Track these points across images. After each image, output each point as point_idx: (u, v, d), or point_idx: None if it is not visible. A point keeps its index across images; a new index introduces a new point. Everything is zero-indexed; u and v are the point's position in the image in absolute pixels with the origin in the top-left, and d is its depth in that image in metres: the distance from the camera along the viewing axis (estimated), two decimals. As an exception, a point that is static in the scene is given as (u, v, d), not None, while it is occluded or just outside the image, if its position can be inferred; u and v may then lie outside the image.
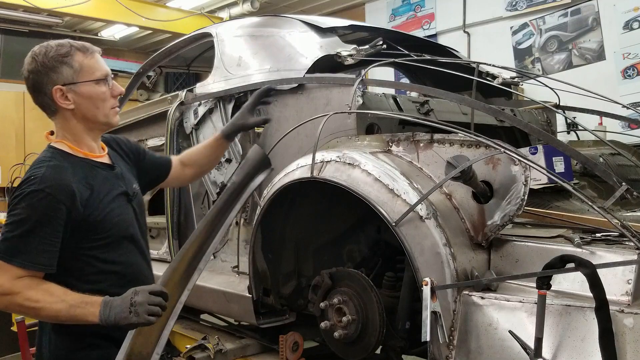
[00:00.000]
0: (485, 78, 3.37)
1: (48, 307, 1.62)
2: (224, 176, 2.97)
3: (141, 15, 9.08)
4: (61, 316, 1.63)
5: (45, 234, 1.66)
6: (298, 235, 2.58)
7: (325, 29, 2.98)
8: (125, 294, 1.62)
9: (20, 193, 1.68)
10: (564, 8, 7.23)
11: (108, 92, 1.83)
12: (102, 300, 1.62)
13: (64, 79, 1.76)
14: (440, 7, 8.53)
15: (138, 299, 1.58)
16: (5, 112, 10.26)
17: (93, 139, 1.88)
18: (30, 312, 1.66)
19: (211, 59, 3.34)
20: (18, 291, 1.62)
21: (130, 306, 1.57)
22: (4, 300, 1.64)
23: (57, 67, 1.76)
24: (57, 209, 1.67)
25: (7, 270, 1.63)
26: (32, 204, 1.65)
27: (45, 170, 1.70)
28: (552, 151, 2.33)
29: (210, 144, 2.32)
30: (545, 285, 1.59)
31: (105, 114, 1.83)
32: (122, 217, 1.85)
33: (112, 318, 1.59)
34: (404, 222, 1.86)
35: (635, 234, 1.70)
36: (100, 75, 1.81)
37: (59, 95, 1.77)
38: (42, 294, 1.63)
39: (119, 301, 1.60)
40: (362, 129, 2.44)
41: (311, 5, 9.69)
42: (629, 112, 4.28)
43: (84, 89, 1.78)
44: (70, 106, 1.79)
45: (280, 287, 2.62)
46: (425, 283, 1.77)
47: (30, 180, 1.69)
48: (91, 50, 1.83)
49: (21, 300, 1.62)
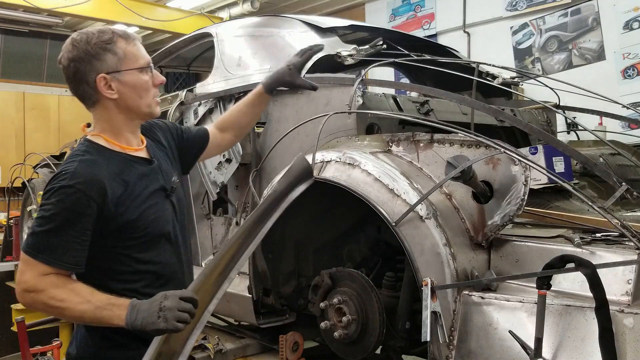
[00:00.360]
0: (485, 78, 3.37)
1: (73, 307, 1.55)
2: (224, 176, 2.97)
3: (141, 15, 9.08)
4: (86, 317, 1.57)
5: (74, 232, 1.59)
6: (298, 235, 2.58)
7: (325, 29, 2.99)
8: (154, 297, 1.53)
9: (51, 188, 1.61)
10: (564, 8, 7.23)
11: (150, 81, 1.74)
12: (130, 303, 1.54)
13: (107, 67, 1.66)
14: (440, 7, 8.53)
15: (168, 304, 1.49)
16: (5, 112, 10.28)
17: (132, 132, 1.79)
18: (55, 312, 1.60)
19: (211, 59, 3.34)
20: (43, 289, 1.56)
21: (159, 311, 1.49)
22: (28, 297, 1.59)
23: (101, 55, 1.66)
24: (87, 206, 1.59)
25: (33, 266, 1.57)
26: (61, 199, 1.58)
27: (78, 165, 1.62)
28: (552, 151, 2.33)
29: (251, 100, 2.16)
30: (545, 285, 1.59)
31: (148, 103, 1.74)
32: (158, 215, 1.76)
33: (138, 322, 1.51)
34: (404, 222, 1.87)
35: (635, 234, 1.70)
36: (144, 64, 1.72)
37: (103, 85, 1.67)
38: (68, 293, 1.56)
39: (147, 305, 1.52)
40: (362, 129, 2.45)
41: (311, 5, 9.69)
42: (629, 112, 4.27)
43: (128, 77, 1.69)
44: (113, 95, 1.69)
45: (280, 287, 2.62)
46: (425, 283, 1.77)
47: (62, 175, 1.61)
48: (133, 37, 1.74)
49: (46, 298, 1.56)
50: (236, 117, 2.20)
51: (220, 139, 2.18)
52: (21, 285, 1.60)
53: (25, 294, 1.59)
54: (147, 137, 1.88)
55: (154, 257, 1.75)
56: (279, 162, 2.67)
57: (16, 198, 6.84)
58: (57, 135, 10.33)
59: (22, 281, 1.60)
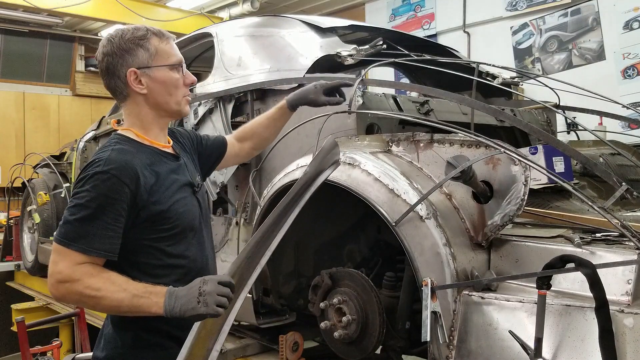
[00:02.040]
0: (485, 78, 3.37)
1: (109, 296, 1.52)
2: (224, 176, 2.97)
3: (141, 15, 9.07)
4: (123, 306, 1.53)
5: (109, 219, 1.57)
6: (298, 235, 2.58)
7: (325, 29, 2.98)
8: (191, 283, 1.51)
9: (84, 176, 1.60)
10: (564, 8, 7.23)
11: (181, 79, 1.76)
12: (167, 290, 1.52)
13: (139, 62, 1.70)
14: (440, 7, 8.53)
15: (207, 289, 1.47)
16: (5, 112, 10.28)
17: (161, 128, 1.81)
18: (90, 302, 1.55)
19: (211, 59, 3.34)
20: (78, 278, 1.52)
21: (198, 296, 1.47)
22: (62, 288, 1.54)
23: (133, 50, 1.69)
24: (122, 192, 1.59)
25: (67, 256, 1.54)
26: (96, 185, 1.57)
27: (111, 153, 1.63)
28: (552, 151, 2.33)
29: (273, 114, 2.19)
30: (545, 285, 1.59)
31: (177, 101, 1.76)
32: (187, 209, 1.76)
33: (177, 309, 1.49)
34: (404, 222, 1.87)
35: (635, 234, 1.70)
36: (175, 61, 1.74)
37: (133, 79, 1.70)
38: (104, 282, 1.53)
39: (185, 291, 1.50)
40: (362, 129, 2.45)
41: (311, 5, 9.68)
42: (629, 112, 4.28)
43: (158, 73, 1.72)
44: (143, 90, 1.72)
45: (280, 287, 2.62)
46: (425, 283, 1.77)
47: (95, 162, 1.61)
48: (167, 35, 1.77)
49: (81, 288, 1.52)
50: (256, 128, 2.21)
51: (238, 148, 2.20)
52: (55, 277, 1.55)
53: (59, 285, 1.55)
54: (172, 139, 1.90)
55: (183, 251, 1.73)
56: (279, 162, 2.66)
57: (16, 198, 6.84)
58: (57, 135, 10.34)
59: (55, 272, 1.55)
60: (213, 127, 3.10)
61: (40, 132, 10.40)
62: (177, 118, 1.85)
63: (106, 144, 1.72)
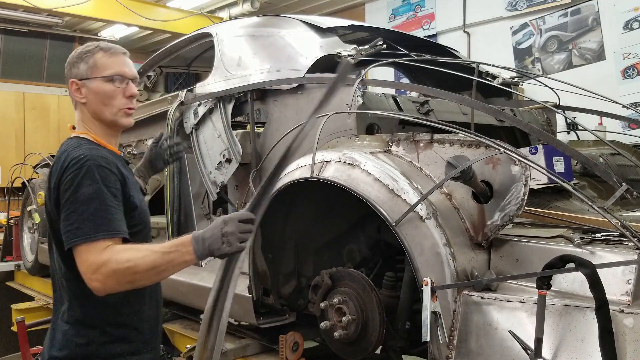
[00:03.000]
0: (485, 78, 3.37)
1: (142, 263, 1.59)
2: (224, 176, 2.97)
3: (141, 15, 9.08)
4: (160, 267, 1.61)
5: (112, 203, 1.69)
6: (298, 235, 2.58)
7: (325, 29, 2.98)
8: (213, 224, 1.60)
9: (77, 173, 1.68)
10: (564, 8, 7.24)
11: (119, 91, 1.87)
12: (192, 237, 1.61)
13: (80, 74, 1.86)
14: (440, 7, 8.53)
15: (229, 229, 1.57)
16: (5, 112, 10.28)
17: (109, 135, 1.92)
18: (128, 274, 1.60)
19: (211, 59, 3.34)
20: (107, 259, 1.60)
21: (221, 237, 1.57)
22: (99, 276, 1.60)
23: (77, 63, 1.87)
24: (114, 180, 1.72)
25: (91, 249, 1.62)
26: (95, 178, 1.68)
27: (89, 151, 1.74)
28: (552, 151, 2.33)
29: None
30: (545, 285, 1.59)
31: (112, 112, 1.87)
32: (146, 209, 1.91)
33: (206, 250, 1.59)
34: (404, 222, 1.86)
35: (635, 234, 1.70)
36: (111, 73, 1.86)
37: (74, 89, 1.87)
38: (130, 252, 1.62)
39: (209, 233, 1.59)
40: (362, 129, 2.44)
41: (311, 5, 9.69)
42: (629, 112, 4.28)
43: (93, 84, 1.85)
44: (82, 100, 1.87)
45: (280, 287, 2.62)
46: (425, 283, 1.77)
47: (80, 159, 1.70)
48: (114, 50, 1.90)
49: (114, 266, 1.59)
50: None
51: None
52: (89, 271, 1.61)
53: (95, 275, 1.60)
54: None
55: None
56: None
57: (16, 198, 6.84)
58: (57, 135, 10.33)
59: (86, 267, 1.61)
60: (213, 127, 3.10)
61: (40, 132, 10.40)
62: (118, 128, 1.94)
63: (73, 144, 1.81)
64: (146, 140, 3.83)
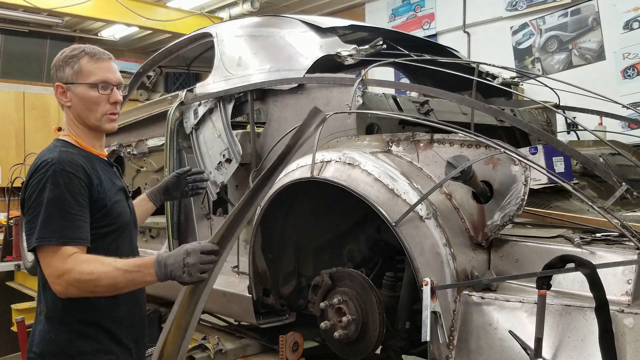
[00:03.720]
0: (485, 78, 3.36)
1: (104, 277, 1.66)
2: (224, 176, 2.97)
3: (141, 15, 9.08)
4: (119, 283, 1.68)
5: (76, 209, 1.73)
6: (298, 235, 2.58)
7: (325, 29, 2.98)
8: (177, 251, 1.67)
9: (39, 177, 1.74)
10: (564, 8, 7.24)
11: (103, 97, 1.90)
12: (155, 260, 1.67)
13: (65, 78, 1.90)
14: (440, 7, 8.53)
15: (190, 261, 1.64)
16: (5, 112, 10.28)
17: (94, 138, 1.97)
18: (89, 287, 1.68)
19: (211, 59, 3.34)
20: (70, 267, 1.65)
21: (183, 267, 1.65)
22: (62, 282, 1.67)
23: (63, 67, 1.90)
24: (81, 186, 1.76)
25: (54, 253, 1.68)
26: (58, 183, 1.72)
27: (59, 154, 1.79)
28: (552, 151, 2.33)
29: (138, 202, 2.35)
30: (545, 285, 1.59)
31: (96, 118, 1.92)
32: (123, 210, 1.94)
33: (168, 275, 1.67)
34: (404, 222, 1.86)
35: (635, 234, 1.70)
36: (95, 80, 1.89)
37: (59, 92, 1.92)
38: (94, 265, 1.67)
39: (172, 260, 1.66)
40: (362, 129, 2.44)
41: (311, 5, 9.69)
42: (629, 112, 4.28)
43: (78, 90, 1.89)
44: (67, 103, 1.92)
45: (280, 287, 2.62)
46: (425, 283, 1.77)
47: (48, 163, 1.76)
48: (99, 56, 1.92)
49: (77, 275, 1.65)
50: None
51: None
52: (52, 275, 1.68)
53: (58, 280, 1.67)
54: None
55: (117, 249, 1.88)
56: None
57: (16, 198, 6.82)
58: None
59: (50, 271, 1.69)
60: (213, 127, 3.10)
61: (40, 132, 10.39)
62: (101, 133, 2.00)
63: (50, 147, 1.88)
64: (146, 141, 3.83)
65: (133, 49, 12.26)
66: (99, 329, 1.83)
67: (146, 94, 10.75)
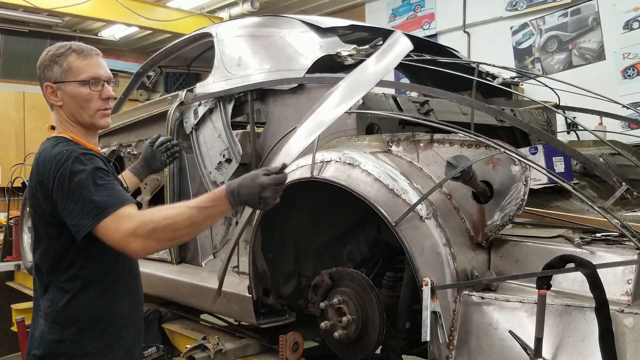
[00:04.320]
0: (485, 78, 3.37)
1: (180, 219, 1.62)
2: (224, 176, 2.97)
3: (141, 15, 9.08)
4: (196, 220, 1.64)
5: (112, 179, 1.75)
6: (298, 235, 2.58)
7: (325, 29, 2.98)
8: (251, 182, 1.63)
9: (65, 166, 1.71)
10: (564, 8, 7.23)
11: (94, 94, 1.88)
12: (227, 191, 1.64)
13: (54, 77, 1.87)
14: (440, 7, 8.52)
15: (267, 194, 1.63)
16: (5, 112, 10.27)
17: (88, 135, 1.95)
18: (168, 232, 1.63)
19: (211, 59, 3.34)
20: (142, 220, 1.63)
21: (259, 199, 1.63)
22: (139, 238, 1.62)
23: (50, 66, 1.87)
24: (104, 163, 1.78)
25: (117, 217, 1.64)
26: (83, 163, 1.72)
27: (66, 146, 1.79)
28: (552, 151, 2.33)
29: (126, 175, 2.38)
30: (545, 285, 1.59)
31: (89, 114, 1.89)
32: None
33: (241, 204, 1.66)
34: (404, 222, 1.86)
35: (635, 234, 1.70)
36: (86, 77, 1.87)
37: (49, 92, 1.90)
38: (165, 211, 1.66)
39: (246, 190, 1.63)
40: (362, 129, 2.44)
41: (311, 5, 9.68)
42: (629, 112, 4.28)
43: (69, 88, 1.87)
44: (58, 103, 1.90)
45: (280, 287, 2.62)
46: (425, 283, 1.77)
47: (62, 153, 1.75)
48: (87, 52, 1.89)
49: (152, 225, 1.62)
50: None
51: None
52: (125, 236, 1.63)
53: (136, 237, 1.63)
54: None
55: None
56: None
57: (16, 198, 6.84)
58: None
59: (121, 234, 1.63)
60: (213, 127, 3.10)
61: (40, 132, 10.37)
62: (95, 129, 1.97)
63: (52, 143, 1.85)
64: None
65: (133, 49, 12.26)
66: (100, 328, 1.82)
67: (146, 94, 10.76)
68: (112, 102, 2.00)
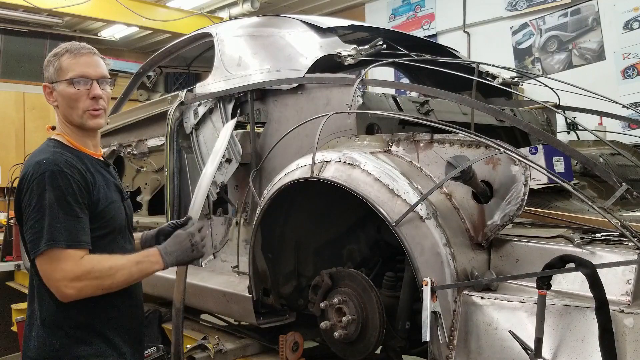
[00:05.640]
0: (485, 78, 3.36)
1: (119, 272, 1.73)
2: (224, 176, 2.97)
3: (141, 15, 9.07)
4: (134, 276, 1.79)
5: (79, 212, 1.73)
6: (298, 235, 2.58)
7: (325, 29, 2.98)
8: (175, 239, 1.90)
9: (40, 180, 1.70)
10: (564, 8, 7.24)
11: (82, 93, 1.84)
12: (158, 251, 1.85)
13: (50, 78, 1.88)
14: (440, 7, 8.53)
15: (197, 239, 1.93)
16: (5, 112, 10.27)
17: (86, 137, 1.93)
18: (107, 284, 1.73)
19: (211, 59, 3.34)
20: (89, 269, 1.69)
21: (191, 246, 1.91)
22: (78, 284, 1.68)
23: (48, 67, 1.89)
24: (79, 187, 1.75)
25: (65, 255, 1.67)
26: (57, 185, 1.70)
27: (53, 155, 1.77)
28: (552, 151, 2.33)
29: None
30: (545, 285, 1.59)
31: (78, 115, 1.87)
32: (118, 212, 1.92)
33: (174, 261, 1.88)
34: (404, 222, 1.86)
35: (635, 234, 1.70)
36: (73, 76, 1.84)
37: (47, 92, 1.91)
38: (109, 262, 1.73)
39: (176, 247, 1.88)
40: (362, 129, 2.44)
41: (311, 5, 9.69)
42: (629, 112, 4.28)
43: (60, 88, 1.86)
44: (54, 103, 1.91)
45: (280, 287, 2.62)
46: (425, 283, 1.77)
47: (43, 164, 1.73)
48: (78, 51, 1.87)
49: (97, 275, 1.70)
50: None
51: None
52: (66, 278, 1.67)
53: (74, 283, 1.67)
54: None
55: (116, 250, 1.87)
56: (279, 162, 2.66)
57: (16, 198, 6.83)
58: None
59: (64, 274, 1.66)
60: (213, 127, 3.10)
61: (40, 132, 10.38)
62: (86, 130, 1.92)
63: (42, 147, 1.85)
64: (146, 141, 3.83)
65: (133, 49, 12.25)
66: (95, 333, 1.81)
67: (146, 94, 10.76)
68: (111, 102, 1.99)
